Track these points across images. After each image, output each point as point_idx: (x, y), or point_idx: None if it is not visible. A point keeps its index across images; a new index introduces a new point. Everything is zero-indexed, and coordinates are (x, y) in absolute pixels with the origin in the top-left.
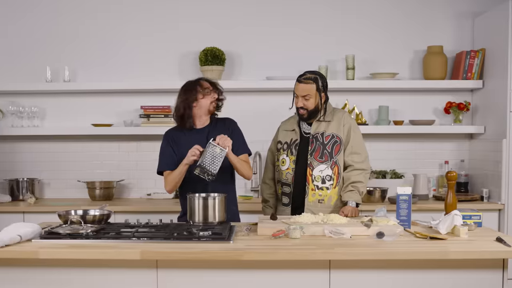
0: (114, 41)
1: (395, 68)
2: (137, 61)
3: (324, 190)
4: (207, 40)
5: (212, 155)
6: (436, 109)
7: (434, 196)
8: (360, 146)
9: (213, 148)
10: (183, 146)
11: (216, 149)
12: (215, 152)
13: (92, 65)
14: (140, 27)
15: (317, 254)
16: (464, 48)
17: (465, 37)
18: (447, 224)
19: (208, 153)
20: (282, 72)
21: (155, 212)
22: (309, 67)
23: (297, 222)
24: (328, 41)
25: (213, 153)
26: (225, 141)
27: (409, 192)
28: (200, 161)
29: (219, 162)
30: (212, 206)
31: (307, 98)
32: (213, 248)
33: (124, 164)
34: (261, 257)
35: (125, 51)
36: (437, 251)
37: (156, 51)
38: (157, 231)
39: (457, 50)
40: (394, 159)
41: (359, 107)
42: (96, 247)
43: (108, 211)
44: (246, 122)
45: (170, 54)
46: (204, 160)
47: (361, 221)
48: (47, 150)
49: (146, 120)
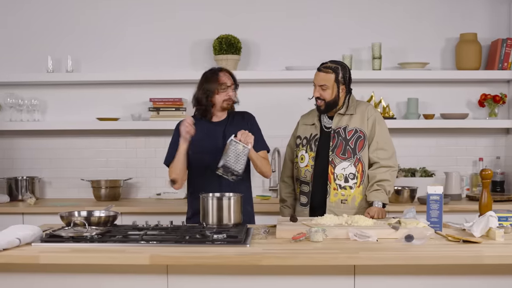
0: (121, 28)
1: (425, 57)
2: (146, 49)
3: (347, 189)
4: (222, 27)
5: (235, 153)
6: (470, 102)
7: (467, 196)
8: (387, 142)
9: (235, 146)
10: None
11: (239, 146)
12: (238, 149)
13: (97, 54)
14: (150, 13)
15: (340, 258)
16: (500, 35)
17: (501, 24)
18: (482, 227)
19: (231, 151)
20: (302, 61)
21: (165, 213)
22: (332, 57)
23: (319, 224)
24: (352, 28)
25: (236, 150)
26: (247, 137)
27: (440, 192)
28: (224, 160)
29: (243, 160)
30: (227, 207)
31: (324, 88)
32: (228, 253)
33: (131, 161)
34: (280, 262)
35: (133, 39)
36: (471, 256)
37: (167, 39)
38: (167, 234)
39: (493, 38)
40: (424, 156)
41: (386, 100)
42: (101, 251)
43: (115, 212)
44: (263, 116)
45: (182, 42)
46: (227, 159)
47: (388, 223)
48: (48, 146)
49: (156, 113)
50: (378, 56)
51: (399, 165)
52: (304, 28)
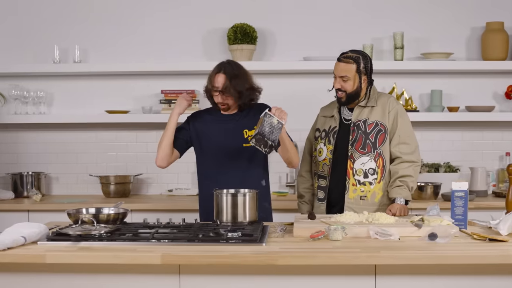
0: (131, 16)
1: (449, 47)
2: (157, 39)
3: (367, 185)
4: (236, 15)
5: (270, 125)
6: (496, 94)
7: (493, 192)
8: (409, 135)
9: (270, 118)
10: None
11: (274, 119)
12: (272, 122)
13: (106, 44)
14: (161, 1)
15: (361, 258)
16: None
17: None
18: (509, 224)
19: (266, 122)
20: (320, 52)
21: (177, 210)
22: (351, 47)
23: (339, 222)
24: (373, 16)
25: (271, 123)
26: (281, 113)
27: (465, 188)
28: (259, 130)
29: (277, 134)
30: (242, 204)
31: (345, 80)
32: (243, 251)
33: (142, 156)
34: (298, 262)
35: (143, 28)
36: (497, 255)
37: (178, 28)
38: (179, 232)
39: None
40: (448, 150)
41: (409, 92)
42: (110, 250)
43: (124, 210)
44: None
45: (194, 32)
46: (262, 129)
47: (411, 220)
48: (54, 140)
49: (167, 106)
50: (400, 46)
51: (422, 160)
52: (323, 17)
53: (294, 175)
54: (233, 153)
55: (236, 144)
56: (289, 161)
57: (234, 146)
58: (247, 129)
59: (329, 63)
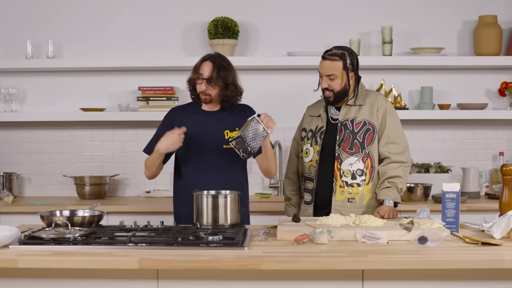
0: (107, 9)
1: (440, 42)
2: (134, 33)
3: (355, 187)
4: (217, 8)
5: (254, 131)
6: (489, 91)
7: (486, 193)
8: (398, 135)
9: (257, 125)
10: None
11: (260, 126)
12: (258, 129)
13: (81, 38)
14: None
15: (347, 262)
16: None
17: None
18: (502, 227)
19: (251, 127)
20: (306, 47)
21: (155, 213)
22: (338, 41)
23: (324, 225)
24: (361, 9)
25: (256, 130)
26: (269, 121)
27: (457, 189)
28: (242, 133)
29: (259, 142)
30: (223, 206)
31: (332, 78)
32: (224, 256)
33: (118, 156)
34: (282, 266)
35: (120, 22)
36: (490, 259)
37: (157, 22)
38: (157, 235)
39: None
40: (439, 150)
41: (398, 88)
42: (85, 255)
43: (100, 212)
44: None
45: (173, 26)
46: (246, 133)
47: (400, 223)
48: (27, 139)
49: (145, 103)
50: (389, 41)
51: (412, 160)
52: (308, 10)
53: (278, 176)
54: (213, 153)
55: (216, 144)
56: (267, 170)
57: (214, 146)
58: (229, 130)
59: (314, 58)
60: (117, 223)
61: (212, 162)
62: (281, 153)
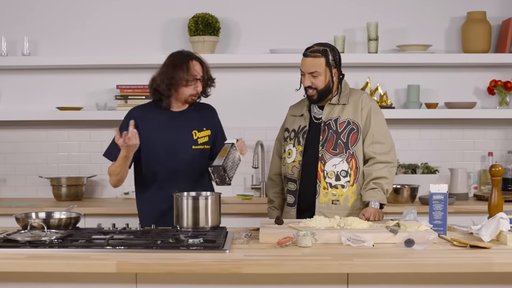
0: (84, 6)
1: (427, 39)
2: (112, 30)
3: (339, 188)
4: (198, 4)
5: (233, 159)
6: (478, 89)
7: (475, 195)
8: (384, 134)
9: (235, 153)
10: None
11: (237, 154)
12: (235, 157)
13: (57, 35)
14: None
15: (332, 266)
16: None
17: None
18: (491, 230)
19: (231, 155)
20: (289, 44)
21: (134, 215)
22: (322, 38)
23: (308, 227)
24: (345, 5)
25: (234, 158)
26: (243, 147)
27: (444, 191)
28: (224, 162)
29: (235, 170)
30: (203, 208)
31: (315, 76)
32: (205, 259)
33: (96, 156)
34: (264, 270)
35: (98, 19)
36: (479, 263)
37: (135, 19)
38: (136, 238)
39: (504, 17)
40: (426, 150)
41: (384, 87)
42: (62, 258)
43: (77, 214)
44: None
45: (152, 22)
46: (227, 162)
47: (386, 225)
48: (1, 139)
49: (123, 102)
50: (375, 38)
51: (398, 161)
52: (291, 6)
53: (260, 177)
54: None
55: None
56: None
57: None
58: (197, 130)
59: (297, 56)
60: (95, 225)
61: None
62: (263, 154)
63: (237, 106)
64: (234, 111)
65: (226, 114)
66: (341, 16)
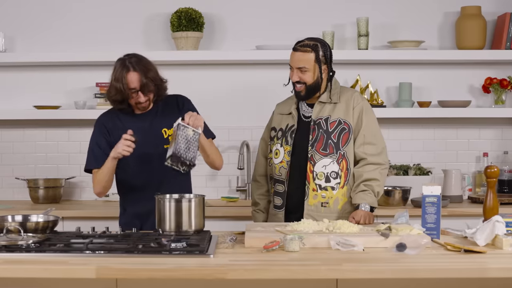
0: (62, 0)
1: (420, 35)
2: (92, 26)
3: (329, 190)
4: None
5: (185, 139)
6: (472, 87)
7: (469, 197)
8: (375, 134)
9: (185, 130)
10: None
11: (189, 131)
12: (188, 135)
13: (35, 31)
14: None
15: (321, 271)
16: (507, 9)
17: None
18: (487, 234)
19: (180, 137)
20: (276, 40)
21: (115, 218)
22: (310, 34)
23: (295, 231)
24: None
25: (186, 136)
26: (195, 120)
27: (437, 193)
28: (173, 149)
29: (195, 148)
30: (187, 211)
31: (303, 71)
32: (188, 264)
33: (75, 157)
34: (250, 275)
35: (76, 14)
36: (474, 268)
37: (115, 14)
38: (117, 242)
39: (499, 12)
40: (419, 150)
41: (374, 85)
42: (39, 263)
43: (55, 217)
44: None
45: (133, 17)
46: (177, 147)
47: (377, 229)
48: None
49: (103, 100)
50: (365, 33)
51: (390, 162)
52: (278, 1)
53: (246, 179)
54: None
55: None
56: (212, 163)
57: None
58: (166, 128)
59: (284, 52)
60: (73, 229)
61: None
62: (249, 154)
63: (222, 105)
64: (219, 110)
65: (210, 113)
66: (330, 11)
